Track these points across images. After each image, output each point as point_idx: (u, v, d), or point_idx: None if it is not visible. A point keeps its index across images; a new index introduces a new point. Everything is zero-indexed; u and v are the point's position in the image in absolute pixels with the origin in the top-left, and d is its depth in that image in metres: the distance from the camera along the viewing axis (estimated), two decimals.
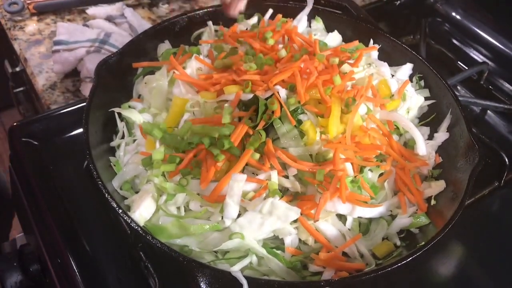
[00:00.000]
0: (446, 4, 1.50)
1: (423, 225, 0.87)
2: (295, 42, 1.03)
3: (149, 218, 0.81)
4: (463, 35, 1.44)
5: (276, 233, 0.81)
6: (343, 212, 0.83)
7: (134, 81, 1.05)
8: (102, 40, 1.28)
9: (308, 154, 0.86)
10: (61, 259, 0.88)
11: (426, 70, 1.06)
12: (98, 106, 0.92)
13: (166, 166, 0.83)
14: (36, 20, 1.41)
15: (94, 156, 0.84)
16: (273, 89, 0.88)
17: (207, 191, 0.81)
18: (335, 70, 0.93)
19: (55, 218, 0.93)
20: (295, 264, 0.79)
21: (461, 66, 1.31)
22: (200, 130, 0.85)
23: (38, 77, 1.26)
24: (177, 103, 0.93)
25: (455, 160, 0.93)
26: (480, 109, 1.24)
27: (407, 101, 1.01)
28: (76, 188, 0.98)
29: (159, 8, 1.49)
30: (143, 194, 0.82)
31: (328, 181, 0.82)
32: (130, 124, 0.96)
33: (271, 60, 0.97)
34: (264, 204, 0.78)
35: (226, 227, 0.79)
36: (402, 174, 0.90)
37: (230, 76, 0.93)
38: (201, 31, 1.14)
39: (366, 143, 0.90)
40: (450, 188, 0.90)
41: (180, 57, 1.03)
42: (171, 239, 0.78)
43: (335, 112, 0.88)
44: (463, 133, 0.93)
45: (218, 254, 0.80)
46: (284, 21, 1.09)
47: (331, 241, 0.82)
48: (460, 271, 0.94)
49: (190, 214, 0.82)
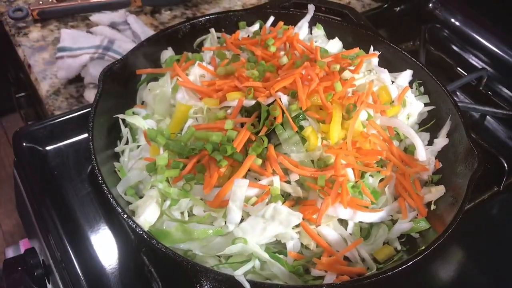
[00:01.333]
0: (445, 10, 1.52)
1: (423, 229, 0.88)
2: (297, 49, 1.04)
3: (153, 223, 0.82)
4: (462, 41, 1.45)
5: (278, 238, 0.82)
6: (344, 217, 0.84)
7: (138, 88, 1.06)
8: (105, 46, 1.29)
9: (310, 160, 0.87)
10: (65, 264, 0.89)
11: (426, 76, 1.07)
12: (102, 112, 0.93)
13: (170, 171, 0.84)
14: (40, 27, 1.42)
15: (98, 161, 0.84)
16: (275, 95, 0.89)
17: (211, 196, 0.82)
18: (336, 76, 0.95)
19: (59, 223, 0.94)
20: (297, 268, 0.80)
21: (461, 72, 1.32)
22: (203, 136, 0.86)
23: (42, 83, 1.27)
24: (181, 109, 0.94)
25: (454, 165, 0.94)
26: (479, 115, 1.25)
27: (407, 107, 1.02)
28: (80, 193, 0.99)
29: (161, 14, 1.50)
30: (148, 199, 0.83)
31: (330, 187, 0.83)
32: (134, 130, 0.97)
33: (273, 67, 0.98)
34: (267, 209, 0.79)
35: (229, 232, 0.80)
36: (402, 179, 0.91)
37: (232, 82, 0.94)
38: (204, 38, 1.15)
39: (366, 148, 0.91)
40: (449, 193, 0.91)
41: (183, 64, 1.04)
42: (175, 243, 0.79)
43: (336, 118, 0.89)
44: (463, 139, 0.94)
45: (222, 259, 0.81)
46: (285, 28, 1.10)
47: (332, 245, 0.83)
48: (460, 275, 0.94)
49: (194, 219, 0.83)
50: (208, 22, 1.14)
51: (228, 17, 1.16)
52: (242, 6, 1.57)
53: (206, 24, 1.14)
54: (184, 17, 1.50)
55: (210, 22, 1.15)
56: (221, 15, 1.16)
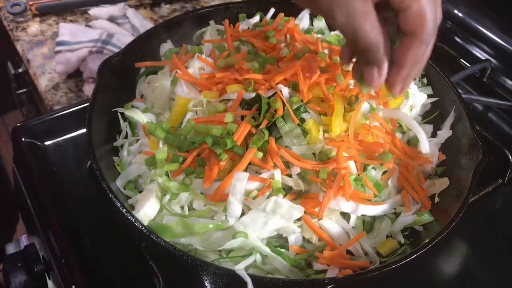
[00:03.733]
0: (448, 1, 1.50)
1: (427, 222, 0.87)
2: (297, 41, 1.03)
3: (153, 217, 0.81)
4: (465, 33, 1.44)
5: (280, 232, 0.81)
6: (346, 210, 0.83)
7: (137, 81, 1.05)
8: (104, 40, 1.28)
9: (311, 153, 0.86)
10: (65, 259, 0.88)
11: (429, 68, 1.06)
12: (101, 106, 0.92)
13: (170, 165, 0.83)
14: (38, 21, 1.41)
15: (97, 156, 0.84)
16: (276, 87, 0.88)
17: (211, 190, 0.81)
18: (337, 68, 0.93)
19: (59, 218, 0.93)
20: (299, 262, 0.79)
21: (464, 63, 1.30)
22: (203, 129, 0.85)
23: (40, 78, 1.26)
24: (180, 102, 0.93)
25: (458, 157, 0.93)
26: (483, 107, 1.24)
27: (410, 99, 1.01)
28: (79, 188, 0.98)
29: (161, 8, 1.49)
30: (147, 193, 0.82)
31: (332, 180, 0.82)
32: (133, 124, 0.96)
33: (273, 59, 0.96)
34: (268, 203, 0.78)
35: (230, 226, 0.79)
36: (405, 172, 0.90)
37: (232, 75, 0.92)
38: (203, 31, 1.14)
39: (369, 141, 0.90)
40: (453, 185, 0.90)
41: (182, 56, 1.03)
42: (175, 238, 0.78)
43: (338, 111, 0.88)
44: (466, 131, 0.93)
45: (222, 253, 0.80)
46: (286, 20, 1.09)
47: (335, 239, 0.82)
48: (464, 268, 0.93)
49: (194, 213, 0.82)
50: (208, 14, 1.13)
51: (228, 9, 1.15)
52: None
53: (206, 16, 1.13)
54: (184, 11, 1.49)
55: (210, 14, 1.13)
56: (220, 7, 1.14)
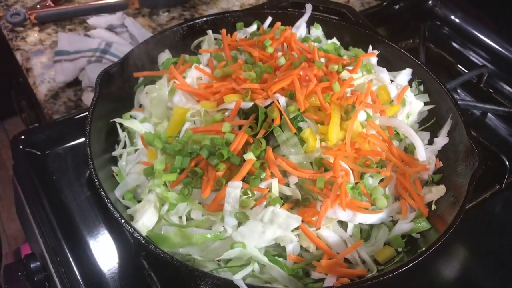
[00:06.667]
0: (445, 7, 1.51)
1: (424, 230, 0.87)
2: (294, 50, 1.04)
3: (151, 227, 0.82)
4: (462, 38, 1.44)
5: (277, 241, 0.81)
6: (344, 219, 0.83)
7: (135, 91, 1.06)
8: (103, 49, 1.29)
9: (309, 162, 0.87)
10: (65, 268, 0.89)
11: (425, 75, 1.06)
12: (99, 116, 0.93)
13: (168, 176, 0.84)
14: (37, 31, 1.42)
15: (96, 166, 0.84)
16: (273, 97, 0.88)
17: (209, 200, 0.82)
18: (334, 77, 0.94)
19: (59, 227, 0.94)
20: (297, 271, 0.79)
21: (461, 69, 1.31)
22: (200, 139, 0.86)
23: (40, 87, 1.27)
24: (178, 112, 0.93)
25: (455, 164, 0.93)
26: (480, 113, 1.24)
27: (407, 106, 1.01)
28: (79, 197, 0.98)
29: (159, 16, 1.50)
30: (146, 204, 0.83)
31: (329, 188, 0.82)
32: (132, 133, 0.97)
33: (270, 68, 0.97)
34: (265, 213, 0.79)
35: (228, 236, 0.79)
36: (402, 179, 0.91)
37: (229, 84, 0.93)
38: (201, 40, 1.14)
39: (366, 149, 0.90)
40: (450, 192, 0.90)
41: (180, 66, 1.04)
42: (174, 248, 0.79)
43: (335, 119, 0.89)
44: (463, 138, 0.94)
45: (221, 263, 0.80)
46: (283, 29, 1.10)
47: (332, 247, 0.83)
48: (462, 274, 0.94)
49: (192, 223, 0.82)
50: (205, 24, 1.14)
51: (225, 18, 1.15)
52: (240, 6, 1.56)
53: (204, 25, 1.14)
54: (182, 19, 1.49)
55: (207, 24, 1.14)
56: (218, 16, 1.15)
